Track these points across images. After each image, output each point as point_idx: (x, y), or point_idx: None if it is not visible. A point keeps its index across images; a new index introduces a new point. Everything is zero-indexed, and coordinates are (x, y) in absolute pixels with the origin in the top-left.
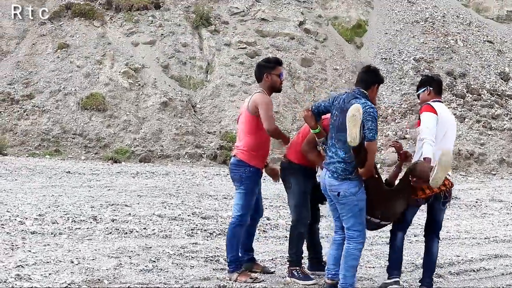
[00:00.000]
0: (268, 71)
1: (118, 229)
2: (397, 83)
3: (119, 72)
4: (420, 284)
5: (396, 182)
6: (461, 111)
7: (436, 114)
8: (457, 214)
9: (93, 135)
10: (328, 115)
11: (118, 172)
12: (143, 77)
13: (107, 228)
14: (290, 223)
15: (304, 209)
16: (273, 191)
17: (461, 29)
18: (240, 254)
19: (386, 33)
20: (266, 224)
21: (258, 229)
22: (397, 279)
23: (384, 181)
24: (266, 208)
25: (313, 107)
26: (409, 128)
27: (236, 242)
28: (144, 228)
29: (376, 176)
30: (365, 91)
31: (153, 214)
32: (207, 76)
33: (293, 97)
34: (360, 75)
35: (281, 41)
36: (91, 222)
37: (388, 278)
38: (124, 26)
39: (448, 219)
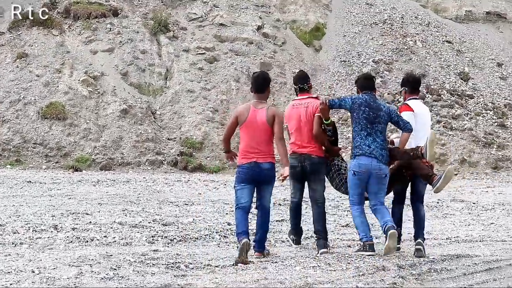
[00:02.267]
0: (269, 85)
1: (79, 238)
2: None
3: (78, 80)
4: (417, 239)
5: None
6: None
7: (413, 111)
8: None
9: (54, 144)
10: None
11: (79, 181)
12: (103, 85)
13: (67, 237)
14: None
15: None
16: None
17: (420, 30)
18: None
19: (345, 35)
20: (227, 230)
21: (219, 234)
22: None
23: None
24: (226, 214)
25: (330, 101)
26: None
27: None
28: (105, 236)
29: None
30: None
31: (114, 222)
32: (166, 82)
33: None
34: (367, 82)
35: (240, 46)
36: (52, 231)
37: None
38: (83, 34)
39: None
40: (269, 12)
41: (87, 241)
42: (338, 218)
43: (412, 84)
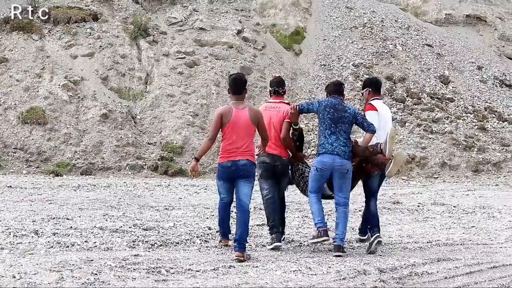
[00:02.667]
0: (245, 86)
1: (60, 243)
2: None
3: (59, 85)
4: (372, 232)
5: None
6: (401, 115)
7: (376, 110)
8: (399, 219)
9: (34, 149)
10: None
11: (60, 186)
12: (83, 90)
13: (48, 242)
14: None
15: None
16: (213, 201)
17: (400, 33)
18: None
19: (325, 39)
20: (208, 234)
21: (200, 239)
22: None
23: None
24: (207, 218)
25: (299, 106)
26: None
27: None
28: (86, 241)
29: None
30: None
31: (95, 226)
32: (146, 87)
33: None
34: (336, 87)
35: (220, 50)
36: (32, 237)
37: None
38: (63, 39)
39: (389, 224)
40: (249, 16)
41: (68, 246)
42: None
43: (375, 85)
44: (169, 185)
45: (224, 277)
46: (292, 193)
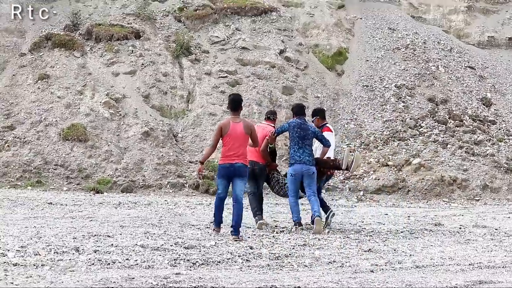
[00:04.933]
0: (241, 104)
1: (101, 260)
2: (378, 110)
3: (100, 102)
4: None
5: None
6: (443, 137)
7: (332, 131)
8: (441, 241)
9: (75, 166)
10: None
11: (100, 203)
12: (124, 107)
13: (89, 259)
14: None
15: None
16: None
17: (442, 55)
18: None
19: (367, 60)
20: (249, 253)
21: (241, 258)
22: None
23: None
24: (248, 237)
25: (276, 131)
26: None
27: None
28: (127, 259)
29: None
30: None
31: (136, 244)
32: (188, 105)
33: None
34: (300, 109)
35: (262, 70)
36: (73, 254)
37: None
38: (104, 56)
39: (431, 245)
40: (292, 36)
41: (109, 264)
42: (360, 243)
43: (322, 114)
44: (210, 203)
45: None
46: (338, 215)
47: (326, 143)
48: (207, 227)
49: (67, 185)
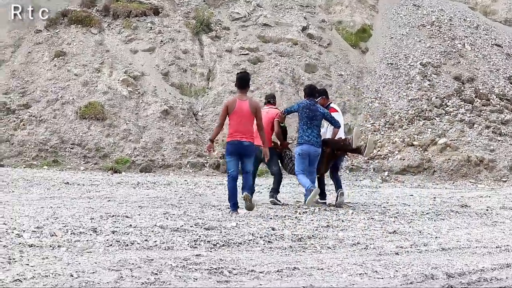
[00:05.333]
0: (249, 83)
1: (119, 241)
2: (403, 89)
3: (118, 80)
4: (338, 190)
5: None
6: (469, 117)
7: (338, 111)
8: (467, 223)
9: (92, 145)
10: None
11: (118, 183)
12: (143, 85)
13: (107, 240)
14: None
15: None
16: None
17: (468, 33)
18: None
19: (392, 37)
20: (271, 235)
21: (263, 240)
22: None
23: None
24: (270, 219)
25: (284, 111)
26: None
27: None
28: (146, 240)
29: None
30: (316, 101)
31: (155, 225)
32: (208, 83)
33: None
34: (311, 91)
35: (284, 47)
36: (90, 234)
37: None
38: (123, 33)
39: (458, 227)
40: (314, 13)
41: (127, 245)
42: (385, 225)
43: (326, 93)
44: None
45: (288, 279)
46: (357, 196)
47: (336, 124)
48: (228, 208)
49: (84, 165)
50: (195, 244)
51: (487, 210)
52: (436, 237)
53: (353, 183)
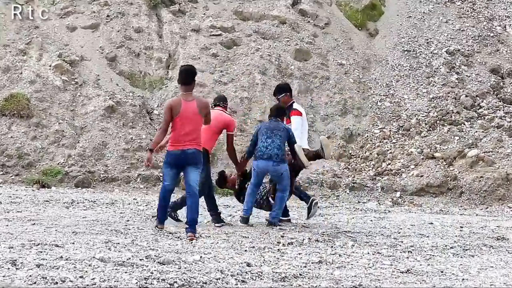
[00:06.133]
0: (195, 77)
1: (46, 278)
2: (423, 84)
3: (50, 66)
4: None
5: None
6: (510, 122)
7: (301, 115)
8: (505, 261)
9: (13, 150)
10: None
11: (47, 201)
12: (82, 73)
13: (30, 276)
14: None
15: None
16: (253, 229)
17: (511, 12)
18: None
19: (410, 16)
20: (246, 272)
21: (235, 279)
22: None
23: None
24: (245, 251)
25: (246, 154)
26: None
27: None
28: (81, 277)
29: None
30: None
31: (93, 257)
32: (168, 72)
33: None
34: (277, 112)
35: (268, 27)
36: (9, 268)
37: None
38: (57, 4)
39: (492, 267)
40: None
41: (57, 283)
42: (396, 262)
43: (290, 90)
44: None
45: None
46: (359, 223)
47: (293, 141)
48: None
49: (1, 176)
50: (146, 283)
51: None
52: (463, 279)
53: (355, 206)
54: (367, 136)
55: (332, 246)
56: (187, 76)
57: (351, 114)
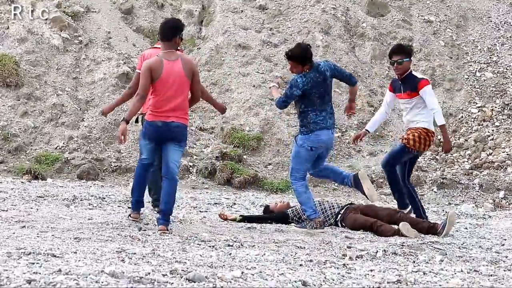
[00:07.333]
0: (180, 34)
1: None
2: None
3: (46, 19)
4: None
5: None
6: None
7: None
8: None
9: None
10: None
11: (41, 196)
12: (88, 30)
13: None
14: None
15: None
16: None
17: None
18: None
19: None
20: None
21: None
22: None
23: None
24: (300, 265)
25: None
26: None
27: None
28: None
29: None
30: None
31: (102, 271)
32: (200, 29)
33: (352, 68)
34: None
35: None
36: None
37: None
38: None
39: None
40: None
41: None
42: (498, 283)
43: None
44: (234, 203)
45: None
46: (451, 231)
47: (352, 80)
48: (228, 245)
49: None
50: None
51: None
52: None
53: (444, 209)
54: (462, 116)
55: (414, 261)
56: (169, 31)
57: (441, 88)
